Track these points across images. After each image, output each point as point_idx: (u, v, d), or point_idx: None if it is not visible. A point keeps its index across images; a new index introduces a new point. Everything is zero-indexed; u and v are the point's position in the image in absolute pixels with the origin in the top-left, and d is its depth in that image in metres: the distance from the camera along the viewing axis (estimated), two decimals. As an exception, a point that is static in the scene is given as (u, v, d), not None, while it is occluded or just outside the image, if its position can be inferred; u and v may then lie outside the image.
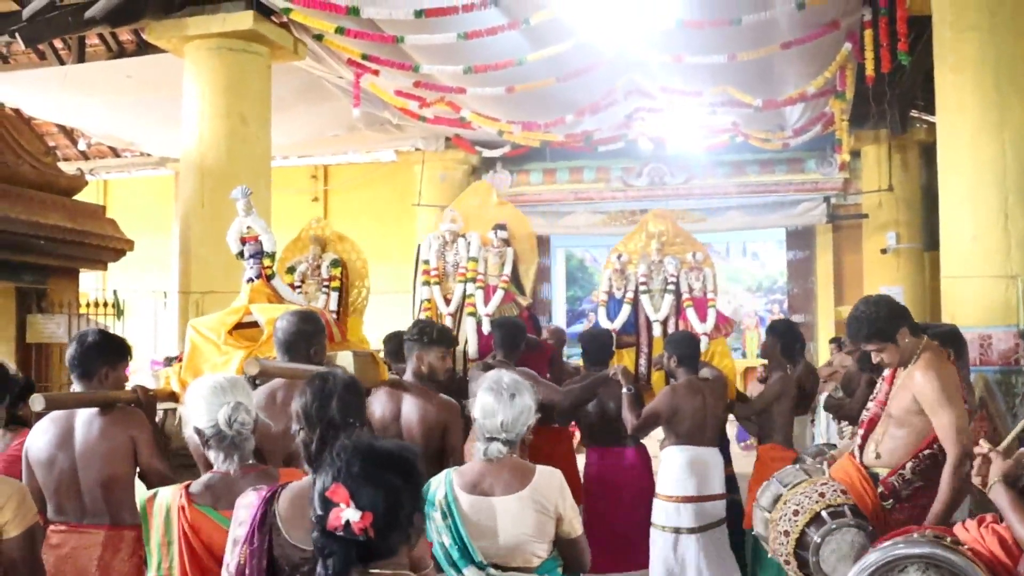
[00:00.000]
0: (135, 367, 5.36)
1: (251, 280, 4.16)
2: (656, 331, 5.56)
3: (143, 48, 9.19)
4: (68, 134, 13.80)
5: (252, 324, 3.90)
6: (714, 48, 7.71)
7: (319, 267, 5.58)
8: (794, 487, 3.33)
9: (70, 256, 8.44)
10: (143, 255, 10.02)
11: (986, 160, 5.39)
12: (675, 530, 4.63)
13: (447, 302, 5.48)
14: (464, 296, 5.46)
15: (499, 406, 2.75)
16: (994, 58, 5.41)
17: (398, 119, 11.18)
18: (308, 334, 3.49)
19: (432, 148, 13.29)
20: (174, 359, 5.10)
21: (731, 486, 5.18)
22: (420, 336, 3.78)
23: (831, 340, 10.67)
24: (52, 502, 3.19)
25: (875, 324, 3.33)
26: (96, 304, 9.22)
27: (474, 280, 5.46)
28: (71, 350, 3.33)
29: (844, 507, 3.15)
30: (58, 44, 9.62)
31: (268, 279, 4.16)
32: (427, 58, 8.23)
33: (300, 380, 3.26)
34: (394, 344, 4.98)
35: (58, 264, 8.42)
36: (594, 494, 5.16)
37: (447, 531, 2.72)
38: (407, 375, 3.82)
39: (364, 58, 8.17)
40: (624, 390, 4.78)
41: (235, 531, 2.25)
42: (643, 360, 5.57)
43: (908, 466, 3.31)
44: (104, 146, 14.08)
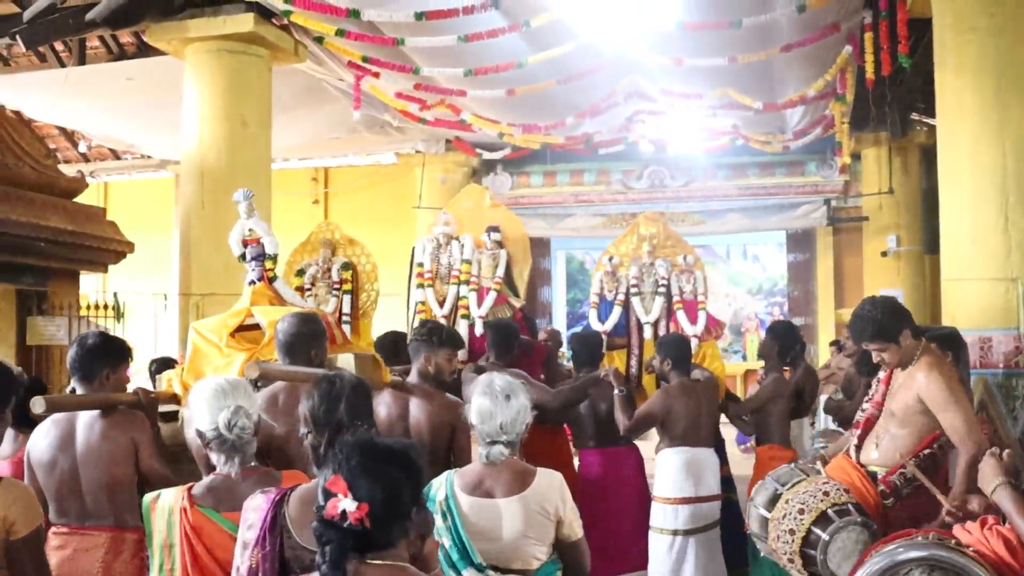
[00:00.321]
0: (136, 369, 5.37)
1: (253, 282, 4.16)
2: (647, 333, 5.57)
3: (144, 50, 9.19)
4: (69, 136, 13.80)
5: (254, 326, 3.90)
6: (714, 50, 7.72)
7: (329, 270, 5.60)
8: (793, 486, 3.36)
9: (70, 258, 8.44)
10: (143, 257, 10.02)
11: (986, 163, 5.39)
12: (673, 532, 4.65)
13: (441, 304, 5.48)
14: (457, 298, 5.46)
15: (496, 408, 2.77)
16: (995, 61, 5.41)
17: (398, 121, 11.18)
18: (309, 336, 3.48)
19: (432, 150, 13.30)
20: (156, 361, 5.11)
21: (727, 486, 5.19)
22: (430, 337, 3.78)
23: (831, 343, 10.68)
24: (54, 504, 3.19)
25: (879, 324, 3.37)
26: (96, 306, 9.23)
27: (467, 282, 5.47)
28: (72, 352, 3.34)
29: (848, 505, 3.19)
30: (59, 46, 9.63)
31: (270, 281, 4.16)
32: (427, 60, 8.24)
33: (302, 383, 3.27)
34: (386, 342, 4.98)
35: (58, 266, 8.42)
36: (587, 494, 5.16)
37: (447, 532, 2.72)
38: (412, 376, 3.82)
39: (364, 60, 8.17)
40: (616, 391, 4.78)
41: (244, 534, 2.25)
42: (634, 362, 5.59)
43: (910, 465, 3.32)
44: (104, 148, 14.08)
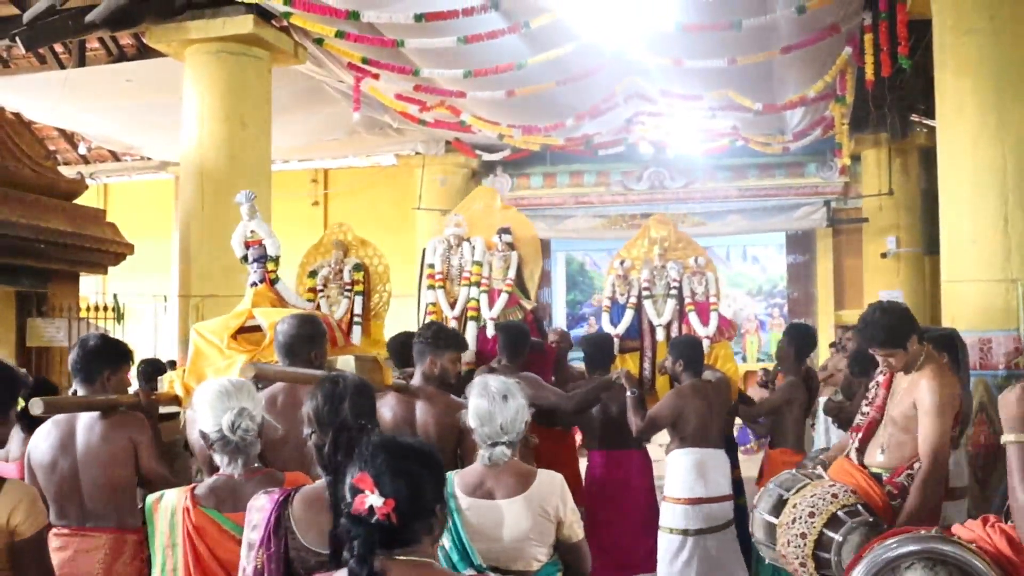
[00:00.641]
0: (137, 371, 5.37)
1: (255, 284, 4.17)
2: (659, 335, 5.57)
3: (143, 52, 9.18)
4: (68, 138, 13.80)
5: (255, 328, 3.90)
6: (714, 52, 7.72)
7: (341, 271, 5.60)
8: (799, 491, 3.37)
9: (70, 260, 8.46)
10: (143, 259, 10.04)
11: (986, 164, 5.39)
12: (683, 532, 4.64)
13: (452, 306, 5.48)
14: (468, 300, 5.46)
15: (494, 409, 2.77)
16: (995, 62, 5.41)
17: (398, 123, 11.18)
18: (309, 338, 3.48)
19: (432, 152, 13.31)
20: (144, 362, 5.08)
21: (737, 490, 5.18)
22: (435, 340, 3.78)
23: (831, 344, 10.66)
24: (54, 506, 3.19)
25: (889, 331, 3.40)
26: (96, 308, 9.24)
27: (478, 284, 5.46)
28: (73, 354, 3.36)
29: (858, 506, 3.23)
30: (58, 48, 9.63)
31: (272, 283, 4.16)
32: (427, 62, 8.24)
33: (301, 384, 3.27)
34: (395, 345, 4.97)
35: (58, 268, 8.43)
36: (596, 497, 5.17)
37: (447, 533, 2.72)
38: (416, 378, 3.82)
39: (364, 62, 8.17)
40: (628, 393, 4.78)
41: (249, 535, 2.25)
42: (647, 364, 5.58)
43: (916, 466, 3.36)
44: (104, 150, 14.07)
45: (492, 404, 2.78)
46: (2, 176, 7.82)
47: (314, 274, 5.63)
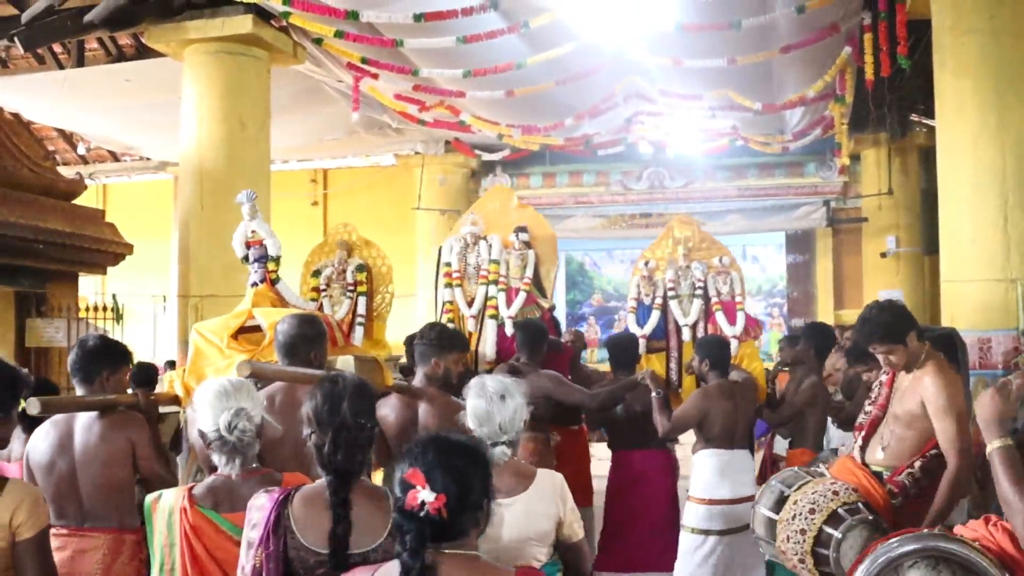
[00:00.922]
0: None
1: (255, 284, 4.16)
2: (686, 335, 5.56)
3: (142, 52, 9.18)
4: (67, 138, 13.80)
5: (255, 328, 3.89)
6: (713, 52, 7.72)
7: (344, 272, 5.60)
8: (800, 487, 3.38)
9: (69, 260, 8.45)
10: (142, 259, 10.03)
11: (986, 163, 5.39)
12: (704, 532, 4.62)
13: (469, 304, 5.49)
14: (486, 298, 5.47)
15: (492, 409, 2.76)
16: (994, 62, 5.42)
17: (397, 123, 11.18)
18: (308, 338, 3.47)
19: (432, 152, 13.31)
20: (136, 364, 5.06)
21: None
22: (440, 341, 3.79)
23: (830, 344, 10.66)
24: (53, 506, 3.18)
25: (886, 327, 3.40)
26: (95, 308, 9.24)
27: (496, 282, 5.45)
28: (72, 355, 3.35)
29: (859, 504, 3.24)
30: (57, 48, 9.62)
31: (272, 283, 4.15)
32: (426, 62, 8.24)
33: (299, 384, 3.26)
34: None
35: (57, 268, 8.43)
36: (619, 495, 5.22)
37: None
38: (418, 379, 3.82)
39: (363, 62, 8.17)
40: (653, 394, 4.78)
41: (248, 533, 2.25)
42: (673, 364, 5.58)
43: (917, 465, 3.37)
44: (103, 150, 14.07)
45: (490, 404, 2.77)
46: (1, 176, 7.81)
47: (318, 273, 5.63)
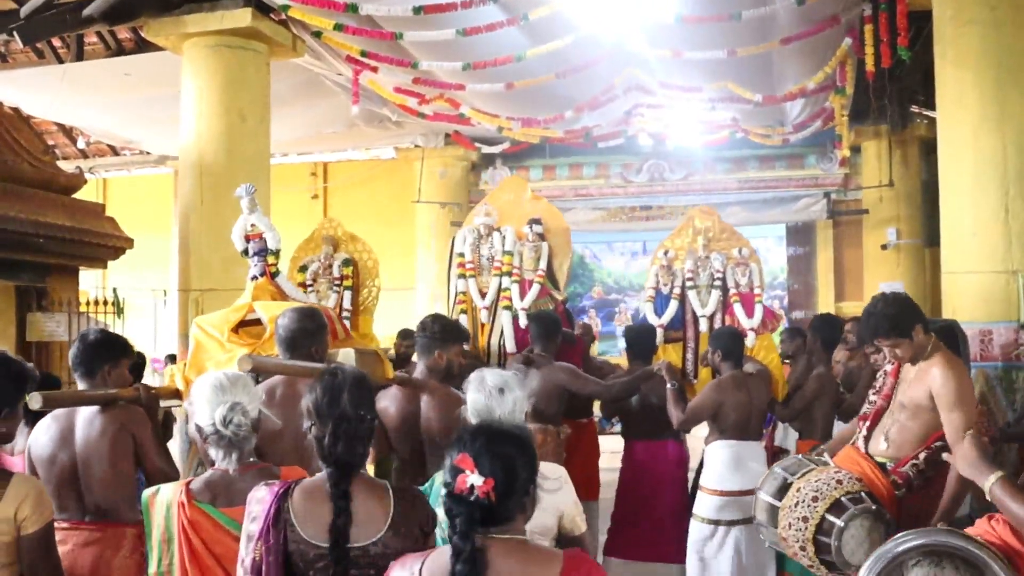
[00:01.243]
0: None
1: (255, 278, 4.15)
2: (703, 326, 5.57)
3: (141, 46, 9.18)
4: (67, 132, 13.78)
5: (256, 322, 3.89)
6: (713, 43, 7.70)
7: (331, 266, 5.63)
8: (804, 475, 3.40)
9: (69, 254, 8.45)
10: (142, 253, 10.04)
11: (987, 155, 5.39)
12: (714, 522, 4.63)
13: (483, 295, 5.50)
14: (500, 290, 5.47)
15: (492, 403, 2.77)
16: (995, 53, 5.41)
17: (397, 116, 11.17)
18: (309, 331, 3.47)
19: (431, 145, 13.30)
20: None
21: None
22: (443, 333, 3.80)
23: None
24: (54, 500, 3.16)
25: (893, 320, 3.39)
26: (96, 302, 9.23)
27: (509, 274, 5.46)
28: (73, 349, 3.35)
29: (861, 493, 3.25)
30: (56, 43, 9.61)
31: (272, 276, 4.15)
32: (426, 54, 8.22)
33: (300, 377, 3.26)
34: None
35: (57, 262, 8.42)
36: (631, 485, 5.25)
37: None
38: (419, 371, 3.82)
39: (363, 55, 8.15)
40: (668, 385, 4.79)
41: (248, 526, 2.25)
42: (690, 355, 5.59)
43: (922, 456, 3.37)
44: (103, 144, 14.06)
45: (489, 399, 2.77)
46: (1, 171, 7.81)
47: (304, 268, 5.66)
